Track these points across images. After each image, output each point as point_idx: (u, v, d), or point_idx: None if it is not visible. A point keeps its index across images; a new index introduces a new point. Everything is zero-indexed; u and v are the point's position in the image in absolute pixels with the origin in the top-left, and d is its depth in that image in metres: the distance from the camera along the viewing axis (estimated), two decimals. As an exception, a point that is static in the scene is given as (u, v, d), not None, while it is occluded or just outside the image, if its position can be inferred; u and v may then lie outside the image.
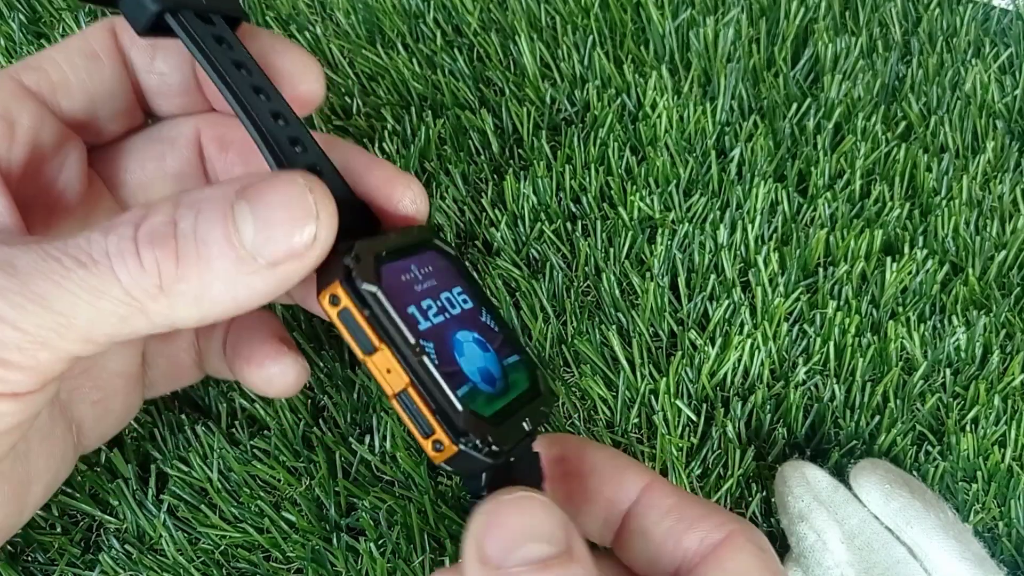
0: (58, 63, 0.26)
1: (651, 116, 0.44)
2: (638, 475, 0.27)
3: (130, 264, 0.20)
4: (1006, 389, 0.40)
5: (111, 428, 0.31)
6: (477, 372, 0.23)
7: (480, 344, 0.24)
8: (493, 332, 0.25)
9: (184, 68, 0.27)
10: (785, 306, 0.40)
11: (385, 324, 0.21)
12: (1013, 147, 0.47)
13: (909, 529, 0.34)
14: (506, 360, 0.25)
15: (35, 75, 0.26)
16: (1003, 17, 0.51)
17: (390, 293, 0.22)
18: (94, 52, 0.26)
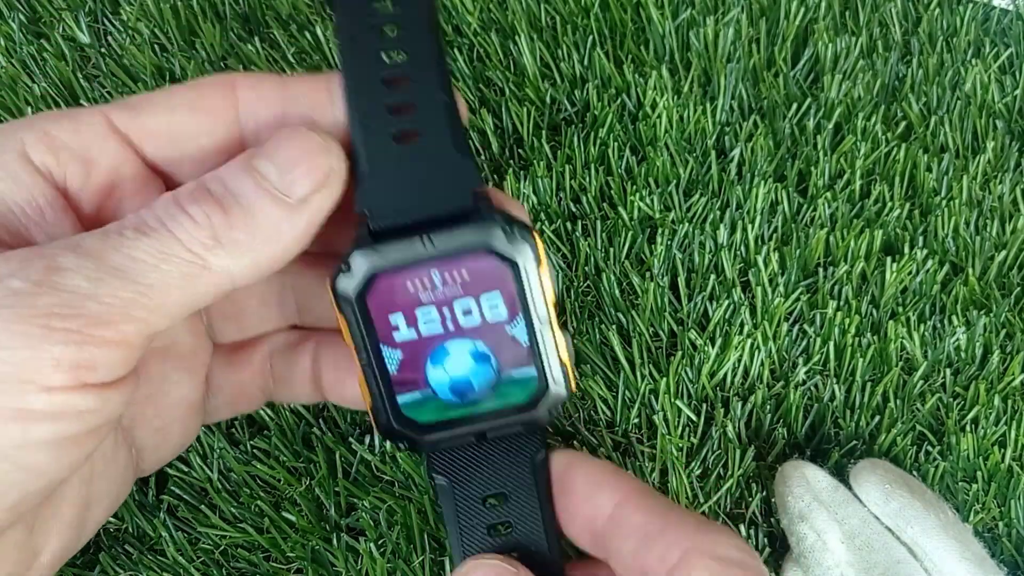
0: (158, 109, 0.25)
1: (651, 116, 0.44)
2: (612, 490, 0.26)
3: (184, 222, 0.22)
4: (1006, 389, 0.40)
5: (169, 453, 0.31)
6: (447, 383, 0.26)
7: (478, 357, 0.26)
8: (514, 344, 0.26)
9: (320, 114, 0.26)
10: (785, 306, 0.40)
11: (351, 329, 0.25)
12: (1013, 147, 0.47)
13: (909, 529, 0.34)
14: (512, 373, 0.26)
15: (128, 115, 0.25)
16: (1003, 17, 0.51)
17: (372, 303, 0.25)
18: (200, 107, 0.25)
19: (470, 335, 0.26)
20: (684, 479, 0.37)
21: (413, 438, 0.26)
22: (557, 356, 0.26)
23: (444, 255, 0.25)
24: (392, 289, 0.25)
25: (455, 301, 0.25)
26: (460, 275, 0.25)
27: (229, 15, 0.48)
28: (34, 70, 0.47)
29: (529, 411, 0.27)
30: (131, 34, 0.47)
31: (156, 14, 0.47)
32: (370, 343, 0.25)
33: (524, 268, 0.25)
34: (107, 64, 0.46)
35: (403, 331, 0.25)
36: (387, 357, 0.25)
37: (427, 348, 0.26)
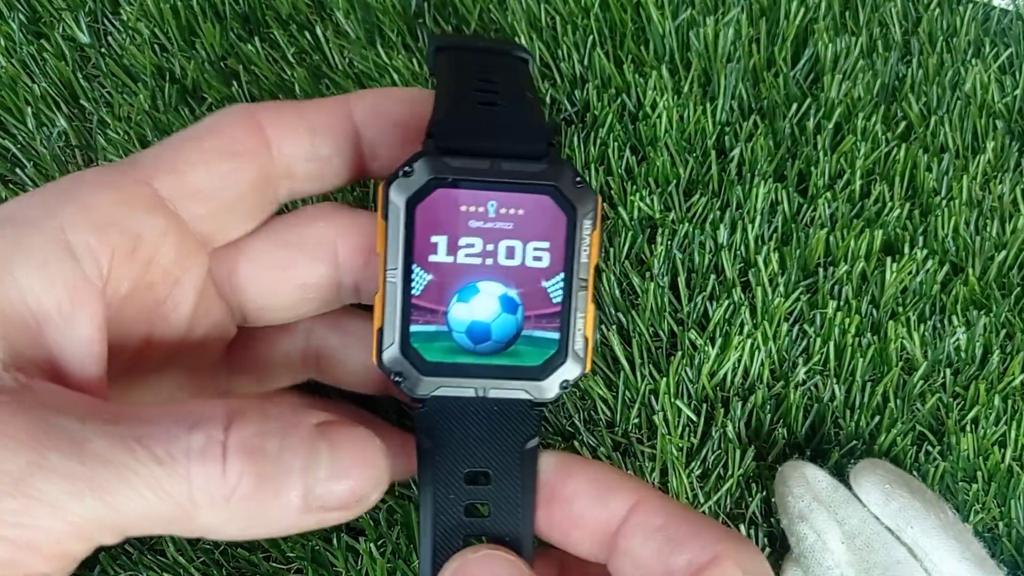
0: (197, 166, 0.24)
1: (651, 116, 0.44)
2: (625, 494, 0.26)
3: (212, 470, 0.19)
4: (1006, 389, 0.40)
5: None
6: (466, 323, 0.24)
7: (506, 303, 0.25)
8: (546, 300, 0.25)
9: (345, 148, 0.26)
10: (785, 306, 0.40)
11: (389, 237, 0.24)
12: (1013, 147, 0.47)
13: (909, 529, 0.34)
14: (533, 332, 0.25)
15: (172, 180, 0.23)
16: (1003, 17, 0.51)
17: (419, 216, 0.24)
18: (235, 152, 0.24)
19: (505, 278, 0.25)
20: (684, 479, 0.37)
21: (413, 375, 0.24)
22: (583, 328, 0.25)
23: (507, 184, 0.24)
24: (446, 205, 0.24)
25: (502, 239, 0.24)
26: (516, 211, 0.24)
27: (229, 15, 0.48)
28: (34, 70, 0.47)
29: (539, 379, 0.25)
30: (131, 34, 0.47)
31: (156, 14, 0.47)
32: (404, 257, 0.24)
33: (581, 221, 0.24)
34: (107, 64, 0.46)
35: (441, 254, 0.24)
36: (415, 277, 0.24)
37: (459, 279, 0.24)
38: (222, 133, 0.24)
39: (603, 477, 0.26)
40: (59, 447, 0.18)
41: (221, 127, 0.24)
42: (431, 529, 0.25)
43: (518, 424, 0.26)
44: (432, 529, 0.25)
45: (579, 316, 0.25)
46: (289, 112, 0.25)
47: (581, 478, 0.26)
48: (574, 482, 0.26)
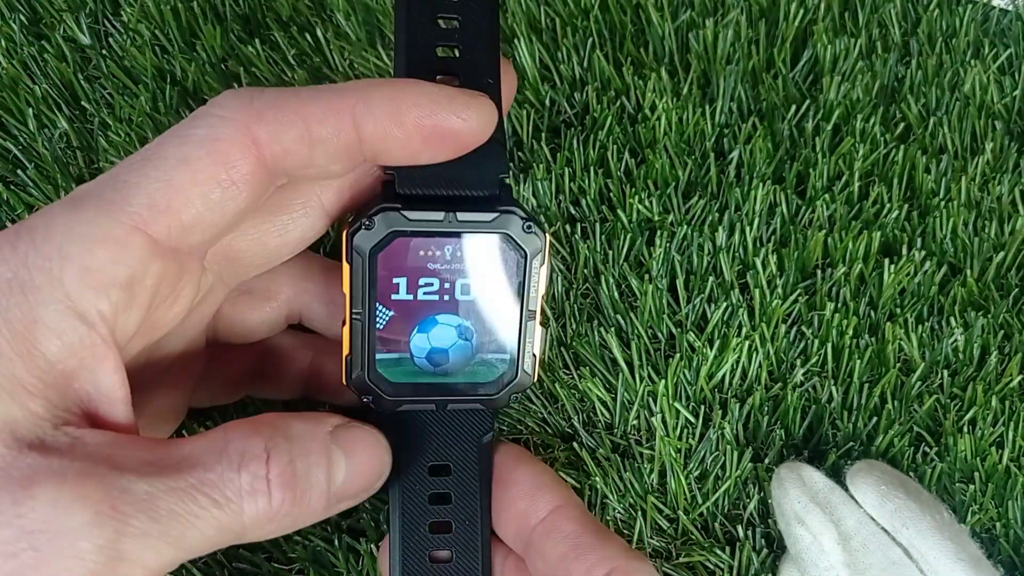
0: (191, 199, 0.23)
1: (650, 118, 0.44)
2: (553, 495, 0.29)
3: (261, 503, 0.22)
4: (1004, 390, 0.40)
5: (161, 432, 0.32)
6: (426, 350, 0.28)
7: (462, 331, 0.28)
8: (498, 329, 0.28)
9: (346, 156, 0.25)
10: (783, 308, 0.40)
11: (353, 281, 0.26)
12: (1012, 148, 0.47)
13: (905, 530, 0.34)
14: (487, 356, 0.28)
15: (166, 221, 0.23)
16: (1003, 18, 0.51)
17: (381, 262, 0.26)
18: (231, 182, 0.24)
19: (462, 312, 0.27)
20: (682, 480, 0.38)
21: (379, 394, 0.28)
22: (532, 348, 0.28)
23: (462, 233, 0.26)
24: (405, 252, 0.26)
25: (458, 278, 0.27)
26: (470, 255, 0.27)
27: (230, 17, 0.48)
28: (35, 71, 0.47)
29: (493, 393, 0.29)
30: (132, 35, 0.47)
31: (157, 16, 0.47)
32: (368, 297, 0.26)
33: (531, 261, 0.27)
34: (108, 65, 0.46)
35: (402, 293, 0.27)
36: (379, 314, 0.27)
37: (419, 314, 0.27)
38: (215, 155, 0.23)
39: (542, 477, 0.29)
40: (136, 512, 0.21)
41: (214, 148, 0.23)
42: (399, 518, 0.28)
43: (474, 425, 0.29)
44: (400, 517, 0.28)
45: (528, 341, 0.28)
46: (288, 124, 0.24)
47: (525, 470, 0.30)
48: (517, 472, 0.30)
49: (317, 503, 0.24)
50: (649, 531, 0.37)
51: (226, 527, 0.22)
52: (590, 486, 0.38)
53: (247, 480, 0.22)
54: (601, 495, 0.38)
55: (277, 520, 0.23)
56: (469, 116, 0.24)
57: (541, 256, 0.27)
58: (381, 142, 0.25)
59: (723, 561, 0.37)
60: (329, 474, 0.24)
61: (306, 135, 0.24)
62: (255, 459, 0.23)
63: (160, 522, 0.21)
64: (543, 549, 0.28)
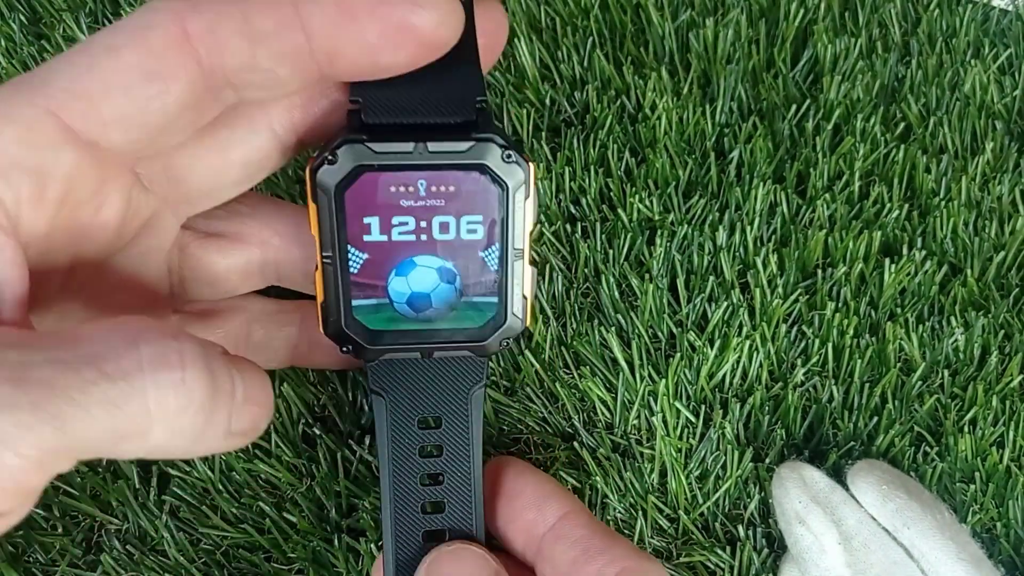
0: (113, 92, 0.21)
1: (651, 117, 0.44)
2: (559, 503, 0.29)
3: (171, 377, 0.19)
4: (1004, 390, 0.40)
5: None
6: (406, 294, 0.26)
7: (444, 274, 0.26)
8: (483, 269, 0.26)
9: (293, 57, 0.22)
10: (784, 307, 0.40)
11: (321, 221, 0.24)
12: (1012, 148, 0.47)
13: (906, 530, 0.34)
14: (473, 298, 0.26)
15: (83, 110, 0.21)
16: (1003, 18, 0.51)
17: (349, 200, 0.24)
18: (157, 73, 0.21)
19: (441, 252, 0.25)
20: (683, 480, 0.37)
21: (359, 343, 0.26)
22: (522, 289, 0.26)
23: (435, 165, 0.24)
24: (374, 188, 0.24)
25: (435, 215, 0.25)
26: (447, 188, 0.24)
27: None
28: (35, 71, 0.47)
29: (481, 339, 0.27)
30: (132, 35, 0.47)
31: (157, 15, 0.47)
32: (338, 239, 0.24)
33: (513, 194, 0.24)
34: (108, 66, 0.46)
35: (374, 234, 0.25)
36: (351, 257, 0.25)
37: (395, 256, 0.25)
38: (143, 45, 0.21)
39: (546, 486, 0.29)
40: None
41: (143, 36, 0.21)
42: (389, 472, 0.27)
43: (465, 375, 0.27)
44: (391, 472, 0.27)
45: (516, 281, 0.26)
46: (225, 15, 0.21)
47: (528, 480, 0.29)
48: (522, 483, 0.29)
49: (223, 413, 0.20)
50: (650, 531, 0.37)
51: (123, 411, 0.18)
52: (591, 486, 0.38)
53: (149, 353, 0.18)
54: (601, 495, 0.38)
55: (188, 419, 0.19)
56: (428, 7, 0.21)
57: (524, 188, 0.25)
58: (331, 38, 0.22)
59: (724, 561, 0.37)
60: (232, 387, 0.20)
61: (245, 27, 0.21)
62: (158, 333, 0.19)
63: (31, 393, 0.17)
64: (553, 555, 0.28)
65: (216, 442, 0.20)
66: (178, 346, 0.19)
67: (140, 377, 0.18)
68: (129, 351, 0.18)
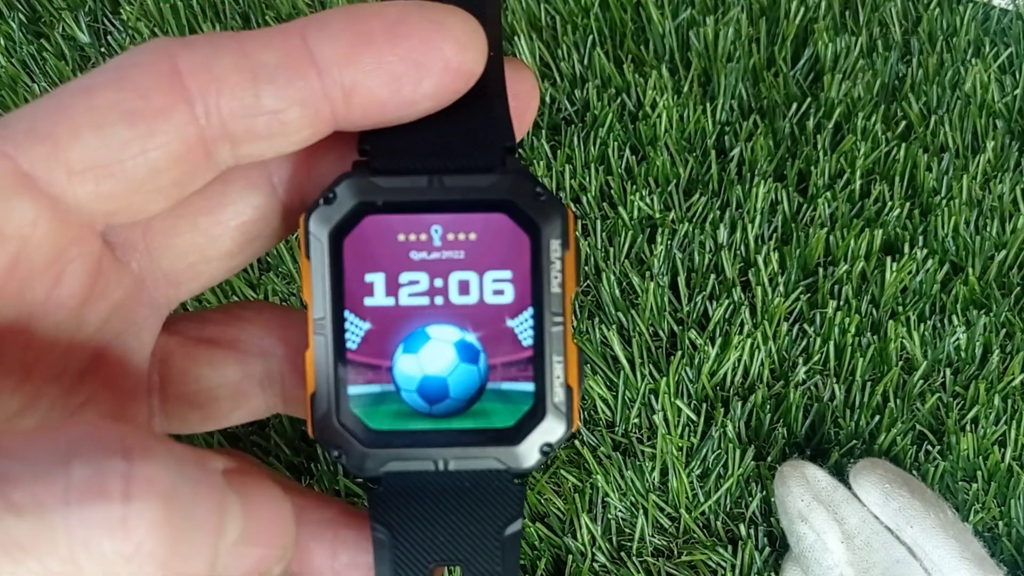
0: (83, 133, 0.18)
1: (651, 116, 0.44)
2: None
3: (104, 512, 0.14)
4: (1006, 389, 0.40)
5: None
6: (416, 379, 0.20)
7: (464, 350, 0.20)
8: (513, 344, 0.20)
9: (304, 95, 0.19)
10: (785, 306, 0.40)
11: (313, 280, 0.20)
12: (1013, 147, 0.47)
13: (909, 528, 0.34)
14: (501, 384, 0.20)
15: (44, 153, 0.17)
16: (1003, 17, 0.51)
17: (348, 250, 0.20)
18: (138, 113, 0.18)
19: (460, 319, 0.20)
20: (684, 479, 0.37)
21: (355, 448, 0.20)
22: (564, 374, 0.20)
23: (452, 204, 0.20)
24: (380, 236, 0.20)
25: (453, 271, 0.20)
26: (466, 236, 0.20)
27: (229, 15, 0.48)
28: (34, 70, 0.47)
29: (513, 444, 0.20)
30: (131, 34, 0.47)
31: (156, 14, 0.47)
32: (333, 302, 0.20)
33: (547, 242, 0.20)
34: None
35: (378, 296, 0.20)
36: (349, 327, 0.20)
37: (403, 325, 0.20)
38: (124, 82, 0.18)
39: None
40: None
41: (125, 73, 0.18)
42: None
43: (496, 504, 0.20)
44: None
45: (556, 360, 0.20)
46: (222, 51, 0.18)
47: None
48: None
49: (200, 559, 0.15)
50: (651, 529, 0.37)
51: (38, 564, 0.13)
52: (591, 484, 0.38)
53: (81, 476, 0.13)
54: (602, 493, 0.37)
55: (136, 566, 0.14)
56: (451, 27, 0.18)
57: (562, 236, 0.20)
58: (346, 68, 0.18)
59: (725, 560, 0.37)
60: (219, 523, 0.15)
61: (245, 62, 0.18)
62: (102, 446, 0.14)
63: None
64: None
65: None
66: (124, 468, 0.14)
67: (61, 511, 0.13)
68: (54, 472, 0.14)
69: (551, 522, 0.37)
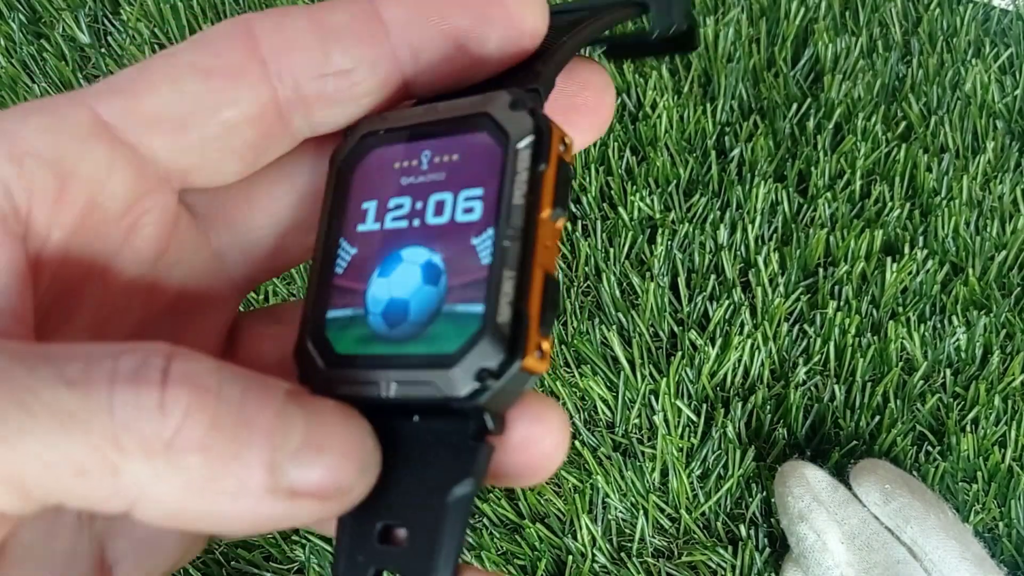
0: (159, 86, 0.18)
1: (651, 116, 0.44)
2: None
3: (144, 396, 0.14)
4: (1006, 389, 0.40)
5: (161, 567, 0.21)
6: (383, 302, 0.19)
7: (428, 271, 0.19)
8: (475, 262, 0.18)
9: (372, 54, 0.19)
10: (785, 306, 0.40)
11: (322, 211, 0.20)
12: (1013, 147, 0.47)
13: (909, 529, 0.34)
14: (456, 306, 0.18)
15: (121, 103, 0.18)
16: (1003, 17, 0.51)
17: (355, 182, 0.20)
18: (212, 70, 0.18)
19: (430, 240, 0.19)
20: (684, 479, 0.37)
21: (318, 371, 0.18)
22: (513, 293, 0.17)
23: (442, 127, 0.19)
24: (381, 166, 0.19)
25: (433, 193, 0.19)
26: (450, 157, 0.19)
27: (229, 14, 0.48)
28: (34, 70, 0.47)
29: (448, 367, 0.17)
30: (131, 34, 0.47)
31: (156, 14, 0.47)
32: (328, 230, 0.19)
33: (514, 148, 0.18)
34: (107, 64, 0.46)
35: (368, 222, 0.19)
36: (340, 253, 0.19)
37: (383, 249, 0.19)
38: (200, 45, 0.18)
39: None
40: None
41: (204, 38, 0.18)
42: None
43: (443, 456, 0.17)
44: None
45: (507, 277, 0.17)
46: (294, 16, 0.19)
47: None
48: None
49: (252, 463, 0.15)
50: (651, 530, 0.37)
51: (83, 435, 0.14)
52: (591, 485, 0.38)
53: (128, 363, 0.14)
54: (603, 494, 0.37)
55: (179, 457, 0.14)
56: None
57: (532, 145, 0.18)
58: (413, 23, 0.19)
59: (725, 560, 0.37)
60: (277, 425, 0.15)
61: (316, 24, 0.18)
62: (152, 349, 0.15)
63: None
64: None
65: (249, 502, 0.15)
66: (164, 362, 0.15)
67: (106, 390, 0.14)
68: (105, 360, 0.14)
69: (551, 523, 0.37)
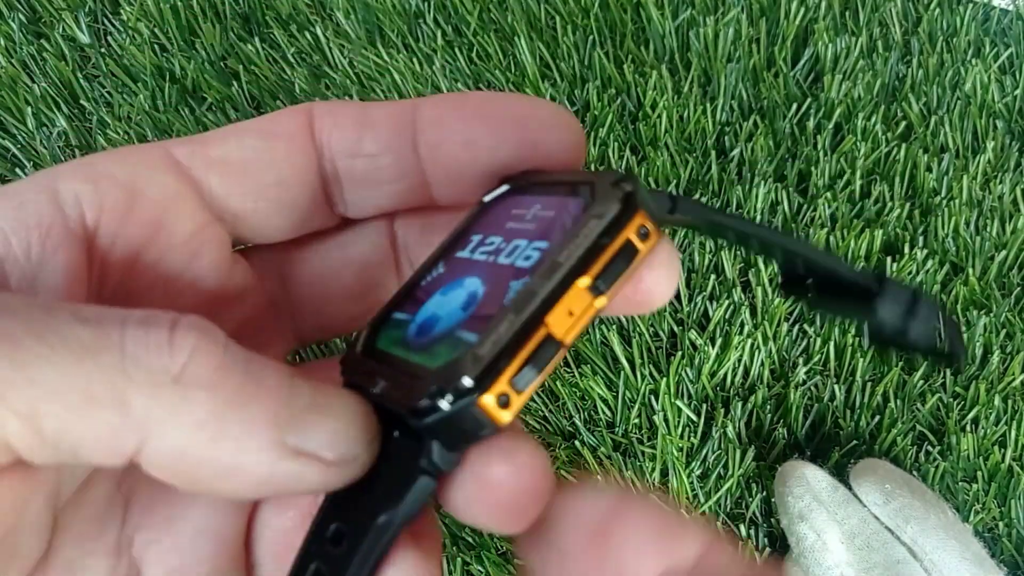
0: (223, 140, 0.21)
1: (651, 116, 0.44)
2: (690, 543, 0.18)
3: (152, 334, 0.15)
4: (1006, 389, 0.40)
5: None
6: (426, 315, 0.20)
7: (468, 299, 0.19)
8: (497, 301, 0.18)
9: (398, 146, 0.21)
10: (785, 306, 0.40)
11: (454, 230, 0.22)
12: (1013, 147, 0.47)
13: (909, 529, 0.34)
14: (461, 332, 0.18)
15: (190, 146, 0.21)
16: (1003, 17, 0.51)
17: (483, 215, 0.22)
18: (271, 132, 0.21)
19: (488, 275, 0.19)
20: (684, 479, 0.37)
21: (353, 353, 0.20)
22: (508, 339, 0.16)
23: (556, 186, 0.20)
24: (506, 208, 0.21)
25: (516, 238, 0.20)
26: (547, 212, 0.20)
27: (229, 15, 0.48)
28: (34, 70, 0.47)
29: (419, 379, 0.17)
30: (131, 34, 0.47)
31: (156, 14, 0.47)
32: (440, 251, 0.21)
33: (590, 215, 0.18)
34: (107, 64, 0.46)
35: (466, 250, 0.21)
36: (434, 269, 0.21)
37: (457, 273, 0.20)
38: (267, 118, 0.21)
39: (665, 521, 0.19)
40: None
41: (270, 114, 0.21)
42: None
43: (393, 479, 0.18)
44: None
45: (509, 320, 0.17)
46: (349, 105, 0.22)
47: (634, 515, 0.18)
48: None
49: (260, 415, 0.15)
50: (651, 530, 0.37)
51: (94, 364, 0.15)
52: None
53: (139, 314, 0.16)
54: (603, 494, 0.37)
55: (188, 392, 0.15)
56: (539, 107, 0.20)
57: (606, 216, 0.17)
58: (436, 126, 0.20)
59: (725, 560, 0.37)
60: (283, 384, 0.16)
61: (360, 115, 0.21)
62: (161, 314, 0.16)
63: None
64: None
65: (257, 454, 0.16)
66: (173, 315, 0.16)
67: (118, 327, 0.15)
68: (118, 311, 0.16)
69: (551, 522, 0.37)
